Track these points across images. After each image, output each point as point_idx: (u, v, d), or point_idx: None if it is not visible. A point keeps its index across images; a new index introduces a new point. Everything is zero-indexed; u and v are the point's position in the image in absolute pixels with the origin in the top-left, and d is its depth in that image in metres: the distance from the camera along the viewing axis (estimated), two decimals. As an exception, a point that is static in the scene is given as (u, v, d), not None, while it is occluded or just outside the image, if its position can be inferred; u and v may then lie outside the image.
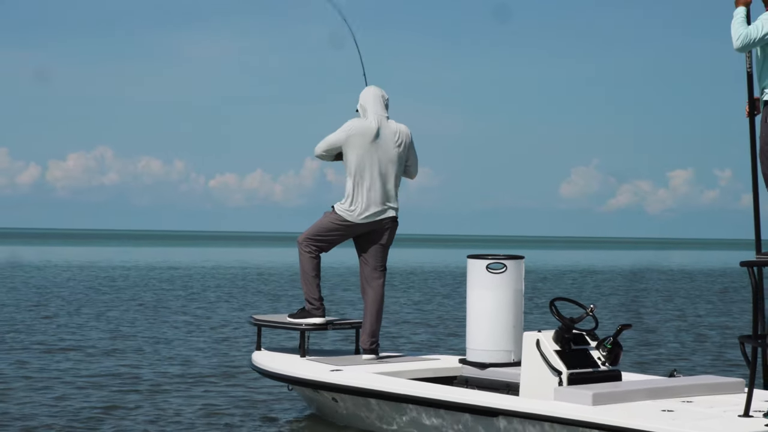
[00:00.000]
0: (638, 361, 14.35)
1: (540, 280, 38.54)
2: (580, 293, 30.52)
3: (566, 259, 71.82)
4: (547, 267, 54.34)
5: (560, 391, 7.71)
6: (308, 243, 9.76)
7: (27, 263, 48.37)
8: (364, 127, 9.60)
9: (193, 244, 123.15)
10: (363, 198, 9.58)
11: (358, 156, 9.55)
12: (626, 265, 61.30)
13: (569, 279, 40.23)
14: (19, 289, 28.64)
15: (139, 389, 11.55)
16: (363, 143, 9.56)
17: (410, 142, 9.77)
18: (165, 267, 46.46)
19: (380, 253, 9.76)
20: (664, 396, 7.78)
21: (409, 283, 34.45)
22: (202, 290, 29.40)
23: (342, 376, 8.87)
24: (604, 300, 27.55)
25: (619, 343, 8.26)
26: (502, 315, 9.01)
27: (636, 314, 22.94)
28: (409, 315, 21.56)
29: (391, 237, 9.79)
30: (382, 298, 9.76)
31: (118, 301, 24.79)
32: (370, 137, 9.57)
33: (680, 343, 16.92)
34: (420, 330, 18.38)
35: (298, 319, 9.80)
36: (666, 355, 15.35)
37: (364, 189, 9.58)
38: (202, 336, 17.05)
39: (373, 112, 9.66)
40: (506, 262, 9.06)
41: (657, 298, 28.66)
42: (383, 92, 9.78)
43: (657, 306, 25.72)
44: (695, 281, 39.42)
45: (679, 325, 20.29)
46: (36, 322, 19.06)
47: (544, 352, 8.08)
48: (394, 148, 9.66)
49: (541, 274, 44.82)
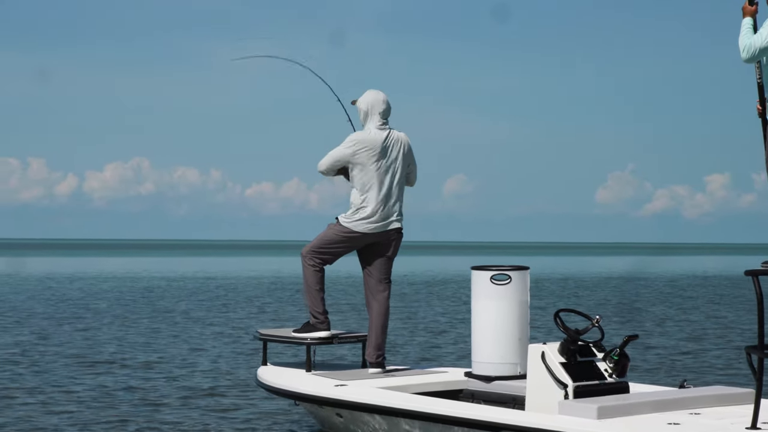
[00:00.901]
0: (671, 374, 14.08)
1: (579, 288, 38.25)
2: (621, 301, 30.19)
3: (602, 266, 71.35)
4: (583, 274, 53.94)
5: (564, 404, 7.50)
6: (312, 256, 9.54)
7: (64, 274, 48.53)
8: (368, 140, 9.37)
9: (229, 253, 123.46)
10: (368, 209, 9.37)
11: (363, 168, 9.34)
12: (667, 271, 60.81)
13: (610, 286, 39.85)
14: (53, 300, 28.66)
15: (141, 402, 11.44)
16: (368, 156, 9.34)
17: (410, 150, 9.54)
18: (202, 277, 46.47)
19: (385, 265, 9.54)
20: (671, 408, 7.56)
21: (437, 293, 34.24)
22: (235, 301, 29.27)
23: (345, 392, 8.67)
24: (651, 308, 27.23)
25: (627, 354, 8.04)
26: (507, 327, 8.81)
27: (686, 322, 22.65)
28: (442, 325, 21.37)
29: (396, 248, 9.58)
30: (387, 311, 9.54)
31: (150, 311, 24.74)
32: (375, 150, 9.35)
33: (720, 353, 16.63)
34: (443, 341, 18.17)
35: (303, 333, 9.60)
36: (701, 366, 15.06)
37: (369, 200, 9.37)
38: (220, 348, 16.90)
39: (373, 122, 9.43)
40: (511, 273, 8.86)
41: (701, 303, 28.30)
42: (385, 97, 9.49)
43: (704, 311, 25.43)
44: (739, 287, 38.87)
45: (723, 333, 19.99)
46: (58, 332, 19.00)
47: (550, 364, 7.88)
48: (397, 158, 9.45)
49: (580, 281, 44.49)
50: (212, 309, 25.98)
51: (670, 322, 22.55)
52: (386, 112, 9.47)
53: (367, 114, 9.46)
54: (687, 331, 20.53)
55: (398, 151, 9.44)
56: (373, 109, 9.45)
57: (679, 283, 43.66)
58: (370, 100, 9.48)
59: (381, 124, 9.44)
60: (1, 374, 13.70)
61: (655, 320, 23.18)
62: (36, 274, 49.89)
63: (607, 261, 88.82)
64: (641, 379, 12.82)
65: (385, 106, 9.46)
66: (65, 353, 16.08)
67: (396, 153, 9.43)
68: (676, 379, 13.14)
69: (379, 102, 9.46)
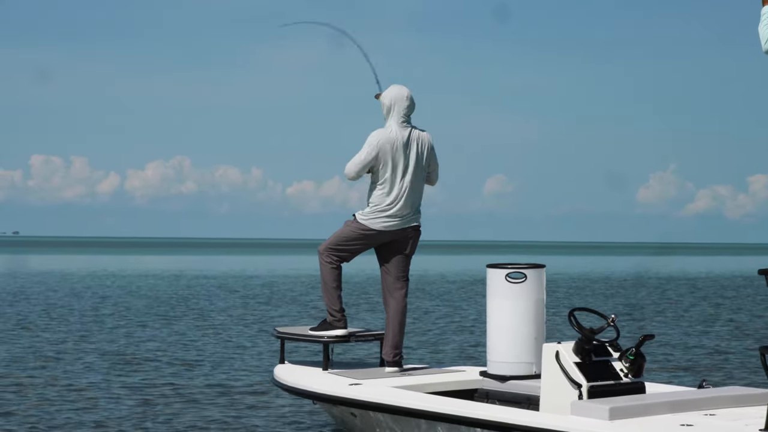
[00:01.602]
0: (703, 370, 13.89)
1: (622, 287, 37.99)
2: (660, 300, 29.93)
3: (642, 266, 70.85)
4: (622, 273, 53.58)
5: (577, 405, 7.37)
6: (329, 253, 9.43)
7: (106, 272, 48.76)
8: (389, 138, 9.21)
9: (270, 251, 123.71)
10: (385, 207, 9.25)
11: (382, 166, 9.21)
12: (710, 271, 60.31)
13: (650, 285, 39.55)
14: (94, 297, 28.77)
15: (159, 401, 11.42)
16: (391, 154, 9.20)
17: (431, 149, 9.39)
18: (243, 276, 46.53)
19: (403, 263, 9.42)
20: (686, 409, 7.41)
21: (474, 290, 34.08)
22: (276, 299, 29.25)
23: (358, 391, 8.57)
24: (691, 308, 26.98)
25: (642, 354, 7.89)
26: (522, 326, 8.67)
27: (731, 323, 22.42)
28: (472, 324, 21.24)
29: (414, 246, 9.46)
30: (404, 309, 9.43)
31: (187, 309, 24.79)
32: (396, 147, 9.21)
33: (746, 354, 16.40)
34: (474, 339, 18.05)
35: (320, 332, 9.50)
36: (737, 366, 14.86)
37: (386, 198, 9.24)
38: (246, 348, 16.85)
39: (395, 119, 9.28)
40: (526, 272, 8.73)
41: (744, 303, 28.01)
42: (408, 93, 9.30)
43: (749, 311, 25.17)
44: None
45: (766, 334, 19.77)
46: (96, 330, 19.03)
47: (564, 364, 7.74)
48: (417, 156, 9.29)
49: (620, 281, 44.18)
50: (251, 307, 25.96)
51: (716, 323, 22.31)
52: (409, 108, 9.30)
53: (390, 109, 9.29)
54: (729, 331, 20.29)
55: (418, 150, 9.29)
56: (395, 106, 9.28)
57: (721, 282, 43.26)
58: (393, 96, 9.30)
59: (403, 122, 9.28)
60: (22, 371, 13.73)
61: (697, 320, 22.95)
62: (80, 271, 50.16)
63: (647, 261, 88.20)
64: (680, 379, 12.67)
65: (408, 102, 9.28)
66: (101, 350, 16.11)
67: (416, 151, 9.28)
68: (713, 379, 12.99)
69: (402, 98, 9.28)
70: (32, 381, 12.80)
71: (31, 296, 29.44)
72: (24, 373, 13.52)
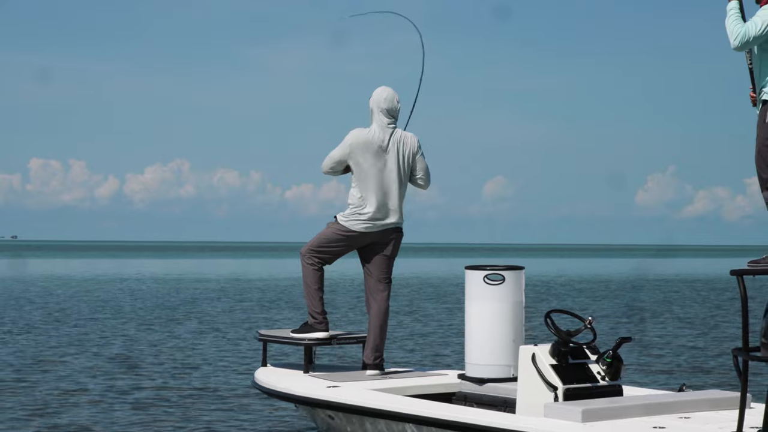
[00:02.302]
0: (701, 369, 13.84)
1: (630, 289, 37.90)
2: (658, 302, 29.86)
3: (640, 268, 70.78)
4: (619, 276, 53.52)
5: (550, 407, 7.29)
6: (311, 255, 9.37)
7: (105, 276, 48.70)
8: (365, 138, 9.16)
9: (269, 255, 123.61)
10: (366, 208, 9.17)
11: (360, 166, 9.14)
12: (709, 273, 60.26)
13: (650, 287, 39.49)
14: (92, 301, 28.72)
15: (144, 403, 11.38)
16: (365, 154, 9.13)
17: (417, 152, 9.29)
18: (241, 279, 46.46)
19: (384, 265, 9.33)
20: (661, 412, 7.32)
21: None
22: (273, 302, 29.18)
23: (335, 393, 8.49)
24: (690, 310, 26.92)
25: (620, 356, 7.82)
26: (500, 328, 8.57)
27: (728, 324, 22.34)
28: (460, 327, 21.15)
29: (396, 248, 9.39)
30: (386, 311, 9.35)
31: (186, 312, 24.74)
32: (372, 147, 9.14)
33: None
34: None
35: (301, 334, 9.44)
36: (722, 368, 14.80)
37: (367, 199, 9.17)
38: (235, 351, 16.79)
39: (377, 121, 9.22)
40: (504, 273, 8.61)
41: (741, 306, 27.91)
42: (394, 96, 9.24)
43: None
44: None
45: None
46: (89, 331, 18.97)
47: (540, 366, 7.66)
48: (399, 158, 9.20)
49: (619, 283, 44.11)
50: (249, 310, 25.91)
51: (713, 325, 22.24)
52: (391, 110, 9.22)
53: (372, 112, 9.25)
54: (725, 334, 20.21)
55: (400, 151, 9.20)
56: (375, 108, 9.22)
57: (718, 284, 43.20)
58: (375, 98, 9.25)
59: (386, 123, 9.22)
60: (17, 373, 13.68)
61: (692, 323, 22.88)
62: (78, 275, 50.11)
63: (645, 263, 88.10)
64: (671, 383, 12.59)
65: (388, 104, 9.20)
66: (93, 353, 16.06)
67: (397, 153, 9.19)
68: (710, 381, 12.93)
69: (382, 99, 9.21)
70: (17, 385, 12.75)
71: (32, 300, 29.41)
72: (17, 375, 13.47)
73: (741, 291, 6.70)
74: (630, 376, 13.47)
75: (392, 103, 9.24)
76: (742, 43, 7.16)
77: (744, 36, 7.13)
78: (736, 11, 7.23)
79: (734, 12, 7.22)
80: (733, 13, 7.23)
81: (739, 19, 7.21)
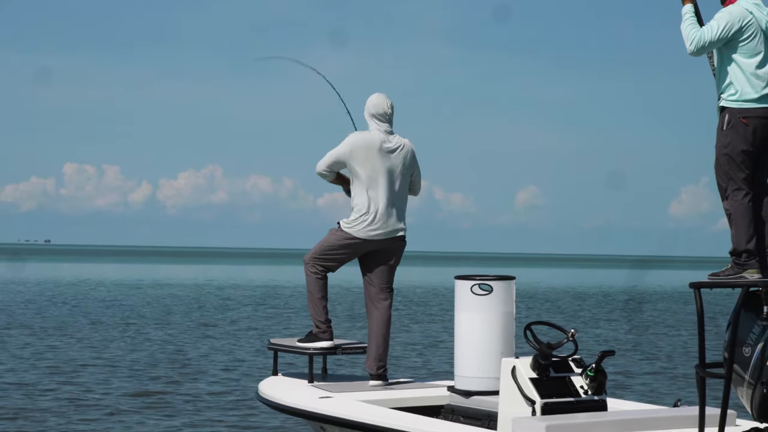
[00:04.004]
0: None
1: (664, 299, 37.56)
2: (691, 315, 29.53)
3: (672, 279, 70.30)
4: (653, 287, 53.10)
5: (518, 422, 7.04)
6: (314, 263, 9.15)
7: (137, 281, 48.79)
8: (367, 139, 8.96)
9: (301, 261, 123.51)
10: (370, 215, 8.95)
11: (364, 170, 8.92)
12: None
13: (683, 299, 39.13)
14: (118, 306, 28.72)
15: (150, 408, 11.29)
16: (368, 156, 8.91)
17: (413, 157, 9.11)
18: (272, 285, 46.44)
19: (387, 274, 9.09)
20: (636, 428, 7.02)
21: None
22: (304, 309, 29.07)
23: (321, 405, 8.27)
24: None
25: (603, 370, 7.54)
26: (488, 340, 8.21)
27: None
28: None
29: (399, 256, 9.15)
30: (388, 321, 9.11)
31: (217, 318, 24.71)
32: (375, 150, 8.93)
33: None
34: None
35: (306, 344, 9.23)
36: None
37: (371, 206, 8.94)
38: (252, 360, 16.68)
39: (375, 125, 9.03)
40: (493, 284, 8.26)
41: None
42: (388, 101, 9.07)
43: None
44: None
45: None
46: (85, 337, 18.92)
47: (519, 380, 7.41)
48: (400, 162, 9.00)
49: (652, 294, 43.75)
50: (278, 317, 25.84)
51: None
52: (385, 116, 9.02)
53: (369, 118, 9.05)
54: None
55: (400, 157, 8.99)
56: (368, 114, 9.04)
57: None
58: (370, 104, 9.06)
59: (383, 128, 9.01)
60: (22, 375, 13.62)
61: (721, 334, 22.53)
62: (110, 281, 50.26)
63: (677, 275, 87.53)
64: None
65: (382, 110, 9.01)
66: (107, 359, 16.00)
67: (397, 158, 8.98)
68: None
69: (371, 106, 9.03)
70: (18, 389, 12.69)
71: (55, 302, 29.45)
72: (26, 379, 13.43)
73: (697, 305, 6.48)
74: (637, 389, 13.26)
75: (383, 108, 9.04)
76: (698, 48, 6.95)
77: (699, 41, 6.92)
78: (690, 15, 7.03)
79: (689, 16, 7.03)
80: (688, 17, 7.03)
81: (694, 23, 7.01)
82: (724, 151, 6.96)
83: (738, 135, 6.92)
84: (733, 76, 6.97)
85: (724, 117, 6.98)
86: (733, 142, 6.93)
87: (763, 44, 6.97)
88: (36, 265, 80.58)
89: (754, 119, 6.92)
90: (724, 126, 6.96)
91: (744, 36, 6.93)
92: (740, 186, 6.96)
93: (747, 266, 6.89)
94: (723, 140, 6.97)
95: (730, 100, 6.99)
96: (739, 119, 6.93)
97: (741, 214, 6.93)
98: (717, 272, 6.96)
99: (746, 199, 6.96)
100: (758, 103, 6.95)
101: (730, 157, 6.94)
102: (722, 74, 7.02)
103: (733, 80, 6.97)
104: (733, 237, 6.96)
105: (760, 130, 6.93)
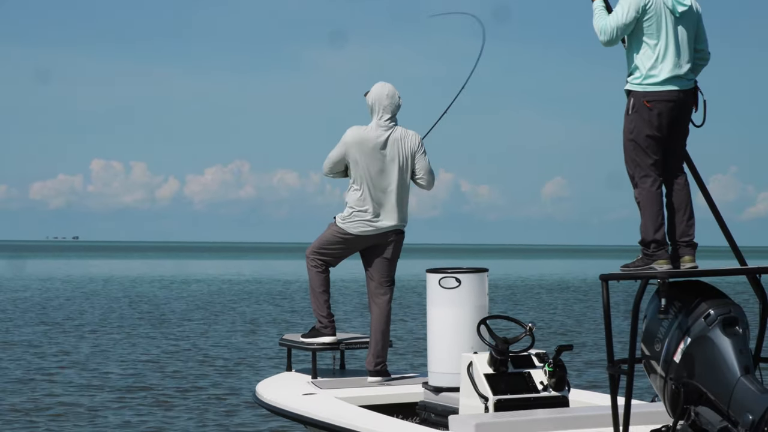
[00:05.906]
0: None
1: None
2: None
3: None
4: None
5: (453, 419, 6.84)
6: (314, 257, 9.09)
7: (164, 277, 48.93)
8: (361, 136, 8.86)
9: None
10: (362, 210, 8.87)
11: (356, 165, 8.84)
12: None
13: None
14: (143, 303, 28.84)
15: (147, 403, 11.33)
16: (362, 152, 8.82)
17: (417, 150, 8.95)
18: (302, 280, 46.42)
19: (385, 268, 9.00)
20: (590, 425, 6.72)
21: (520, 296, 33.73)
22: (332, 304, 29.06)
23: (297, 402, 8.13)
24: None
25: (563, 364, 7.32)
26: (458, 335, 7.95)
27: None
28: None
29: (397, 250, 9.02)
30: (388, 315, 9.01)
31: (241, 313, 24.76)
32: (368, 146, 8.83)
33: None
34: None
35: (309, 339, 9.19)
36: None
37: (363, 201, 8.85)
38: (264, 357, 16.71)
39: (376, 118, 8.94)
40: (461, 277, 8.03)
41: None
42: (391, 91, 8.92)
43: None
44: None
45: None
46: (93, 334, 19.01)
47: (474, 375, 7.26)
48: (398, 156, 8.88)
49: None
50: (302, 311, 25.86)
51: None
52: (390, 107, 8.89)
53: (372, 108, 8.92)
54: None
55: (400, 150, 8.87)
56: (376, 105, 8.89)
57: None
58: (374, 95, 8.92)
59: (385, 120, 8.89)
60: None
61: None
62: (138, 276, 50.44)
63: (705, 264, 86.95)
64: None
65: (389, 101, 8.88)
66: (116, 352, 16.06)
67: (396, 152, 8.86)
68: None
69: (383, 97, 8.88)
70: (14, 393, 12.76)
71: (77, 301, 29.60)
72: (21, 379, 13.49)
73: (603, 297, 6.30)
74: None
75: (394, 99, 8.93)
76: (610, 37, 6.78)
77: (607, 28, 6.76)
78: (600, 8, 6.88)
79: (599, 10, 6.88)
80: (598, 11, 6.89)
81: (604, 14, 6.84)
82: (630, 137, 6.79)
83: (642, 119, 6.74)
84: (638, 59, 6.80)
85: (630, 101, 6.80)
86: (638, 126, 6.76)
87: (667, 26, 6.78)
88: (66, 262, 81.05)
89: (659, 103, 6.73)
90: (629, 110, 6.80)
91: (646, 17, 6.74)
92: (648, 173, 6.77)
93: (656, 257, 6.71)
94: (628, 125, 6.80)
95: (634, 83, 6.82)
96: (643, 103, 6.74)
97: (649, 202, 6.75)
98: (628, 263, 6.79)
99: (654, 186, 6.78)
100: (662, 86, 6.77)
101: (636, 143, 6.76)
102: (629, 57, 6.86)
103: (638, 63, 6.79)
104: (641, 226, 6.76)
105: (666, 114, 6.75)
